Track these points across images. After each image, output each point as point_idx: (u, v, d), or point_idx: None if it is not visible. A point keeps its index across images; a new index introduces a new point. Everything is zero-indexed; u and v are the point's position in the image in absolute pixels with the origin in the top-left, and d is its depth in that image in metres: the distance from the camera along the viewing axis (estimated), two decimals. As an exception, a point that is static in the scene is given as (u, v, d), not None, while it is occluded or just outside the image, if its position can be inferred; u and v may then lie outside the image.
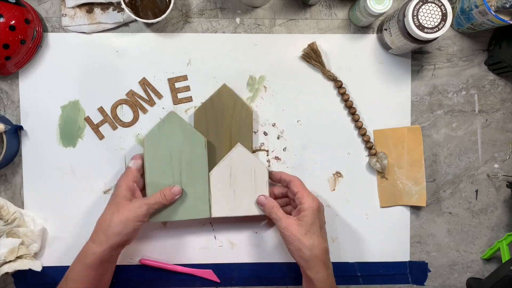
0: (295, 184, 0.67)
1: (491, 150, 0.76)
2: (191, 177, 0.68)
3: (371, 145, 0.74)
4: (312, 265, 0.63)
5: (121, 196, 0.64)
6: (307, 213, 0.64)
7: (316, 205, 0.65)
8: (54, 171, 0.73)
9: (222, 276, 0.75)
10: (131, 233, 0.63)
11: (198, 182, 0.68)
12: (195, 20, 0.74)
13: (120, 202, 0.63)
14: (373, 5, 0.66)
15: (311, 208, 0.64)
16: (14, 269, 0.68)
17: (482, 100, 0.76)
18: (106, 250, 0.62)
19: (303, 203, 0.64)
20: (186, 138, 0.68)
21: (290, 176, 0.69)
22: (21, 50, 0.68)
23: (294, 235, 0.63)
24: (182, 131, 0.68)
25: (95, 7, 0.72)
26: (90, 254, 0.62)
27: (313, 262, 0.63)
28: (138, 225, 0.63)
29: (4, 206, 0.69)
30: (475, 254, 0.77)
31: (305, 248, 0.62)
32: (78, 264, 0.63)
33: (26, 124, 0.72)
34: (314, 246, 0.63)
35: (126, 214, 0.62)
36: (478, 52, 0.75)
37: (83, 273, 0.62)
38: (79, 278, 0.62)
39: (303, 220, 0.64)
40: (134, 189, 0.65)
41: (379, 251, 0.76)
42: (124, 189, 0.64)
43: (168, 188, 0.66)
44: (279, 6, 0.74)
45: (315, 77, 0.74)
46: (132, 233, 0.63)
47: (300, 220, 0.64)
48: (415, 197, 0.74)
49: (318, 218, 0.65)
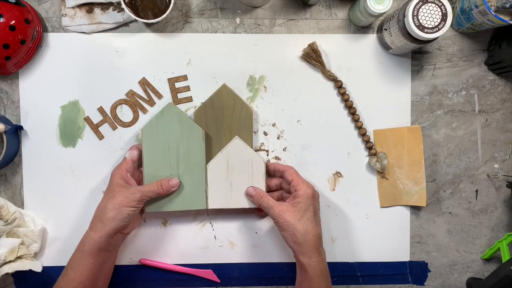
0: (290, 173, 0.67)
1: (491, 150, 0.76)
2: (188, 169, 0.69)
3: (371, 145, 0.74)
4: (305, 250, 0.63)
5: (115, 184, 0.65)
6: (301, 199, 0.64)
7: (310, 192, 0.65)
8: (54, 171, 0.73)
9: (222, 276, 0.75)
10: (125, 218, 0.63)
11: (195, 173, 0.69)
12: (195, 20, 0.74)
13: (114, 189, 0.64)
14: (373, 5, 0.66)
15: (305, 194, 0.64)
16: (14, 270, 0.68)
17: (482, 100, 0.76)
18: (103, 237, 0.63)
19: (298, 190, 0.65)
20: (184, 129, 0.68)
21: (284, 166, 0.70)
22: (21, 50, 0.68)
23: (287, 221, 0.63)
24: (180, 122, 0.68)
25: (95, 7, 0.72)
26: (87, 241, 0.63)
27: (306, 247, 0.63)
28: (131, 210, 0.63)
29: (4, 206, 0.69)
30: (475, 254, 0.77)
31: (299, 234, 0.63)
32: (77, 252, 0.64)
33: (26, 124, 0.72)
34: (307, 231, 0.63)
35: (120, 200, 0.63)
36: (478, 52, 0.75)
37: (81, 261, 0.63)
38: (78, 266, 0.63)
39: (297, 206, 0.64)
40: (128, 178, 0.66)
41: (379, 251, 0.76)
42: (117, 177, 0.65)
43: (166, 179, 0.67)
44: (279, 6, 0.74)
45: (315, 77, 0.74)
46: (126, 218, 0.63)
47: (294, 206, 0.64)
48: (415, 197, 0.74)
49: (312, 204, 0.65)
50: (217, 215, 0.74)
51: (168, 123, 0.68)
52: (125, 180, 0.66)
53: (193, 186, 0.69)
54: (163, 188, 0.66)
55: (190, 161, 0.69)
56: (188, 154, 0.69)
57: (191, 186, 0.69)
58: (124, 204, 0.63)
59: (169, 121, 0.68)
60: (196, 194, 0.69)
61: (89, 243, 0.63)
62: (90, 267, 0.63)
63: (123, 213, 0.63)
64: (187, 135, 0.69)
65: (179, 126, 0.68)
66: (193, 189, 0.69)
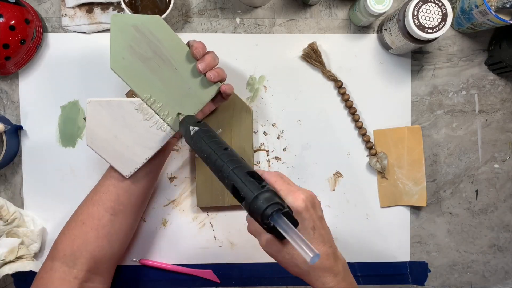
0: (278, 184, 0.52)
1: (491, 150, 0.76)
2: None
3: (371, 145, 0.74)
4: (315, 277, 0.52)
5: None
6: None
7: (301, 204, 0.49)
8: (54, 171, 0.73)
9: (222, 276, 0.75)
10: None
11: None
12: (195, 20, 0.74)
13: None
14: (373, 5, 0.66)
15: (294, 210, 0.49)
16: (15, 271, 0.68)
17: (482, 100, 0.76)
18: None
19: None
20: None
21: (272, 176, 0.53)
22: (21, 50, 0.68)
23: (278, 252, 0.51)
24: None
25: (95, 7, 0.72)
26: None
27: (315, 273, 0.51)
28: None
29: (4, 206, 0.69)
30: (475, 254, 0.77)
31: (299, 262, 0.51)
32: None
33: (26, 124, 0.72)
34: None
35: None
36: (478, 52, 0.75)
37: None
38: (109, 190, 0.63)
39: None
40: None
41: (379, 251, 0.76)
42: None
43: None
44: (279, 6, 0.74)
45: (315, 77, 0.74)
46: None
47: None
48: (415, 197, 0.74)
49: (308, 219, 0.50)
50: (217, 215, 0.74)
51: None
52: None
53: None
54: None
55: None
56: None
57: (195, 85, 0.62)
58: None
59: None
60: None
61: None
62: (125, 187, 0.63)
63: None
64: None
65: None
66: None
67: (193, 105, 0.63)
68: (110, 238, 0.63)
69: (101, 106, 0.59)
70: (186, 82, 0.61)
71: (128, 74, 0.60)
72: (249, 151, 0.72)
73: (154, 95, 0.61)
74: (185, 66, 0.61)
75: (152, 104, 0.61)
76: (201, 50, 0.60)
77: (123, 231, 0.65)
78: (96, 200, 0.63)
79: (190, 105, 0.62)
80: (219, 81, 0.62)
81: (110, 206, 0.62)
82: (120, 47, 0.59)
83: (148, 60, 0.60)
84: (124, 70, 0.59)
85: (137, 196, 0.65)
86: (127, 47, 0.59)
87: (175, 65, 0.61)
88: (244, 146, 0.72)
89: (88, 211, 0.63)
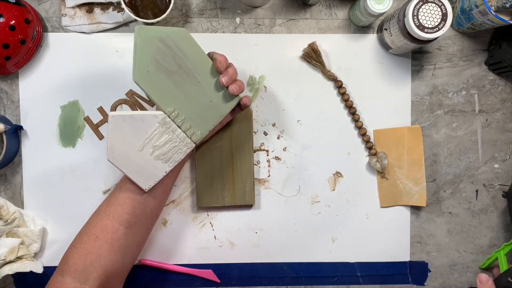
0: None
1: (491, 150, 0.76)
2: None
3: (371, 145, 0.74)
4: None
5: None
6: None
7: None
8: (54, 171, 0.73)
9: (222, 276, 0.75)
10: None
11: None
12: (195, 20, 0.74)
13: None
14: (373, 5, 0.66)
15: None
16: (15, 271, 0.68)
17: (482, 100, 0.76)
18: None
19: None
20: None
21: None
22: (21, 50, 0.68)
23: None
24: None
25: (95, 7, 0.72)
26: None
27: None
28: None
29: (4, 206, 0.69)
30: (475, 254, 0.77)
31: None
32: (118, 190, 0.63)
33: (26, 124, 0.72)
34: None
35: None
36: (478, 52, 0.75)
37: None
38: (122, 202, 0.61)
39: None
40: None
41: (379, 251, 0.76)
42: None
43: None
44: (279, 6, 0.74)
45: (315, 77, 0.74)
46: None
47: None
48: (415, 197, 0.74)
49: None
50: (217, 215, 0.74)
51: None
52: None
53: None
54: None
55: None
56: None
57: (215, 97, 0.62)
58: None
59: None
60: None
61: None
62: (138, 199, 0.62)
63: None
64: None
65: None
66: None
67: (213, 117, 0.62)
68: (124, 251, 0.62)
69: (123, 120, 0.57)
70: (208, 95, 0.61)
71: (153, 88, 0.58)
72: (249, 151, 0.72)
73: (177, 108, 0.60)
74: (208, 79, 0.61)
75: (175, 118, 0.60)
76: (224, 63, 0.60)
77: (136, 244, 0.64)
78: (110, 213, 0.61)
79: (211, 117, 0.62)
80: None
81: (125, 219, 0.61)
82: (145, 60, 0.57)
83: (173, 74, 0.59)
84: (149, 83, 0.57)
85: (152, 208, 0.64)
86: (152, 60, 0.57)
87: (198, 78, 0.60)
88: (244, 146, 0.72)
89: (101, 224, 0.61)
